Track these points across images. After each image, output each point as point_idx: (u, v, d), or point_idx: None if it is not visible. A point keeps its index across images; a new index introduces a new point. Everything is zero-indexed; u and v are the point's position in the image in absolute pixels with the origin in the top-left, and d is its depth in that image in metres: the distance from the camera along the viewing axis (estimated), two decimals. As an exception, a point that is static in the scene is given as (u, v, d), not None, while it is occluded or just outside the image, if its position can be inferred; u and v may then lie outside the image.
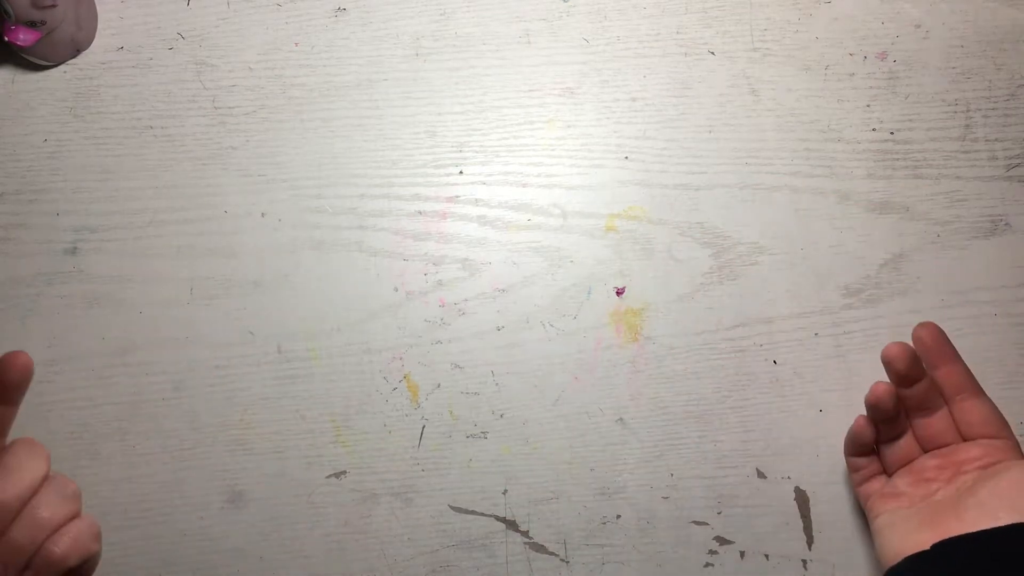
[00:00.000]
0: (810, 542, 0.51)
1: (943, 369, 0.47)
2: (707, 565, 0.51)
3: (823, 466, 0.52)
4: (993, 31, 0.57)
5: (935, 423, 0.47)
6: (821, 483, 0.51)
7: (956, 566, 0.41)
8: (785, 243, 0.54)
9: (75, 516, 0.43)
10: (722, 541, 0.51)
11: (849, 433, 0.49)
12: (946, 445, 0.47)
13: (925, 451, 0.48)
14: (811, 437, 0.52)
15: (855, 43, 0.57)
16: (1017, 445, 0.46)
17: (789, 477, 0.52)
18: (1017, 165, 0.56)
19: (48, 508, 0.42)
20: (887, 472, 0.49)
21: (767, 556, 0.51)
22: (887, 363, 0.46)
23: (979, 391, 0.47)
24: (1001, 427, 0.46)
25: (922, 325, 0.48)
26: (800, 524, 0.51)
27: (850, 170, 0.55)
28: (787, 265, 0.54)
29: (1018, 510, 0.41)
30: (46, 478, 0.43)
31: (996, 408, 0.47)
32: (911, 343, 0.47)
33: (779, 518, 0.51)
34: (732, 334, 0.53)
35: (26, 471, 0.42)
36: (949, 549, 0.42)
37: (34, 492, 0.42)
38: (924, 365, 0.47)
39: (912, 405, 0.47)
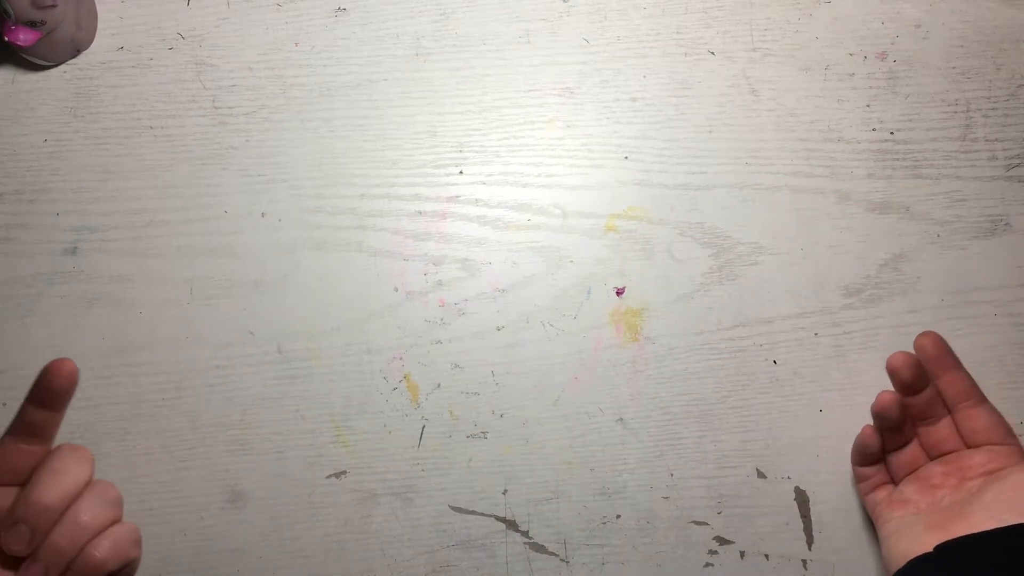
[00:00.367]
0: (810, 542, 0.51)
1: (946, 377, 0.47)
2: (707, 565, 0.51)
3: (823, 466, 0.52)
4: (993, 31, 0.57)
5: (940, 430, 0.47)
6: (821, 483, 0.51)
7: (959, 566, 0.41)
8: (785, 243, 0.54)
9: (116, 521, 0.44)
10: (722, 541, 0.51)
11: (856, 443, 0.49)
12: (951, 452, 0.47)
13: (931, 458, 0.48)
14: (811, 437, 0.52)
15: (855, 43, 0.57)
16: (1021, 450, 0.46)
17: (789, 477, 0.52)
18: (1017, 165, 0.55)
19: (89, 512, 0.42)
20: (894, 480, 0.49)
21: (767, 556, 0.51)
22: (892, 373, 0.47)
23: (982, 398, 0.47)
24: (1005, 433, 0.46)
25: (924, 334, 0.48)
26: (800, 524, 0.51)
27: (850, 170, 0.55)
28: (787, 265, 0.54)
29: (1021, 511, 0.41)
30: (89, 483, 0.44)
31: (999, 414, 0.47)
32: (912, 350, 0.48)
33: (779, 518, 0.51)
34: (732, 334, 0.53)
35: (70, 475, 0.43)
36: (952, 550, 0.42)
37: (77, 496, 0.43)
38: (927, 373, 0.47)
39: (916, 413, 0.48)
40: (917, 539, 0.44)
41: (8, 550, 0.41)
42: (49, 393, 0.43)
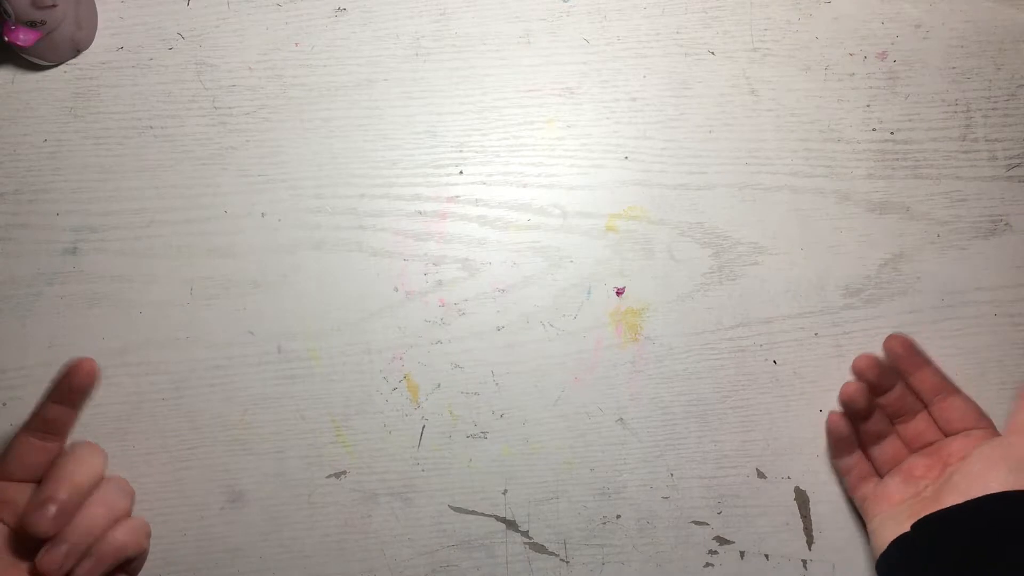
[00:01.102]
0: (810, 542, 0.51)
1: (917, 374, 0.49)
2: (707, 565, 0.51)
3: (823, 466, 0.52)
4: (993, 31, 0.57)
5: (917, 424, 0.49)
6: (821, 483, 0.51)
7: (934, 539, 0.43)
8: (785, 243, 0.54)
9: (130, 514, 0.47)
10: (722, 541, 0.51)
11: (827, 432, 0.51)
12: (931, 443, 0.49)
13: (912, 451, 0.49)
14: (811, 437, 0.52)
15: (855, 43, 0.57)
16: (996, 431, 0.48)
17: (789, 477, 0.52)
18: (1017, 165, 0.55)
19: (111, 498, 0.45)
20: (879, 474, 0.50)
21: (767, 556, 0.51)
22: (858, 375, 0.50)
23: (954, 389, 0.49)
24: (979, 417, 0.48)
25: (892, 337, 0.51)
26: (800, 524, 0.51)
27: (850, 170, 0.55)
28: (787, 265, 0.54)
29: (988, 485, 0.43)
30: (103, 476, 0.47)
31: (972, 401, 0.49)
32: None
33: (779, 518, 0.51)
34: (732, 334, 0.53)
35: (91, 464, 0.46)
36: (926, 525, 0.44)
37: (97, 485, 0.46)
38: (899, 373, 0.50)
39: (892, 412, 0.50)
40: (900, 528, 0.46)
41: (34, 530, 0.43)
42: (71, 391, 0.46)
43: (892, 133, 0.56)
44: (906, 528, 0.45)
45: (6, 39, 0.51)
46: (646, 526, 0.51)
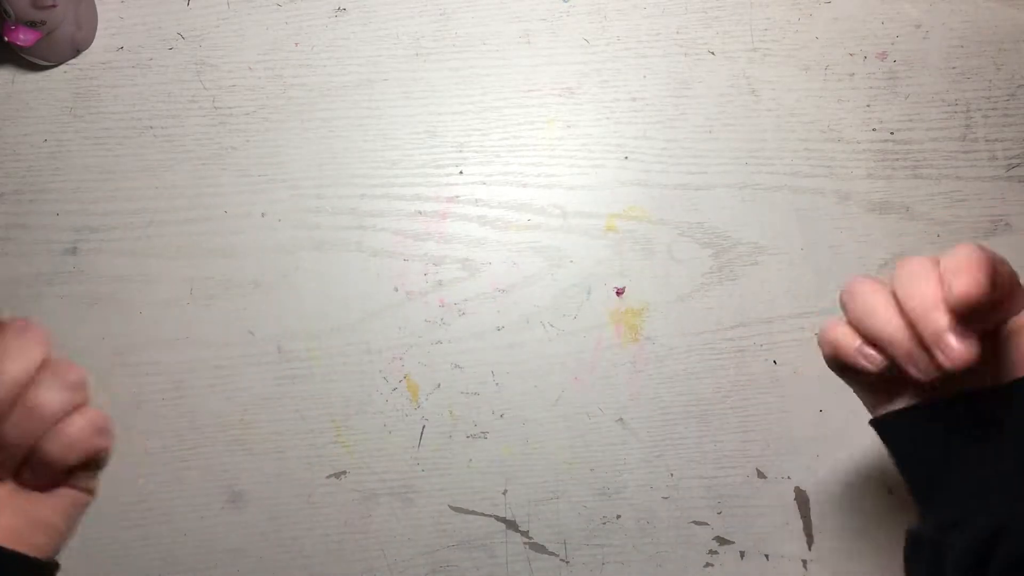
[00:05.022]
0: (810, 542, 0.51)
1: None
2: (707, 565, 0.51)
3: (823, 466, 0.52)
4: (993, 31, 0.57)
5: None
6: (821, 483, 0.51)
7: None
8: (785, 243, 0.54)
9: (80, 406, 0.38)
10: (722, 541, 0.51)
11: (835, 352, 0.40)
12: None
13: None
14: (811, 437, 0.52)
15: (855, 43, 0.57)
16: None
17: (789, 477, 0.51)
18: (1017, 165, 0.55)
19: (42, 400, 0.36)
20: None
21: (767, 556, 0.51)
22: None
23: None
24: None
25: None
26: (800, 524, 0.51)
27: (850, 170, 0.55)
28: (787, 265, 0.54)
29: None
30: (45, 365, 0.37)
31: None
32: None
33: (779, 518, 0.51)
34: (732, 334, 0.53)
35: (14, 362, 0.36)
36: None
37: (27, 384, 0.36)
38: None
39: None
40: None
41: None
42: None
43: (892, 133, 0.56)
44: None
45: (6, 39, 0.51)
46: (646, 526, 0.51)
